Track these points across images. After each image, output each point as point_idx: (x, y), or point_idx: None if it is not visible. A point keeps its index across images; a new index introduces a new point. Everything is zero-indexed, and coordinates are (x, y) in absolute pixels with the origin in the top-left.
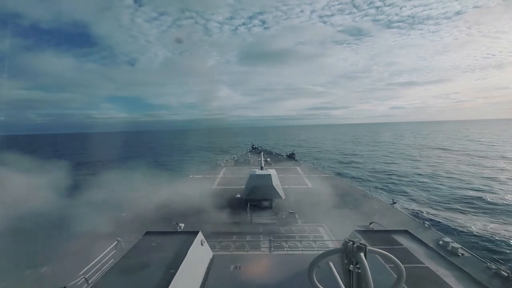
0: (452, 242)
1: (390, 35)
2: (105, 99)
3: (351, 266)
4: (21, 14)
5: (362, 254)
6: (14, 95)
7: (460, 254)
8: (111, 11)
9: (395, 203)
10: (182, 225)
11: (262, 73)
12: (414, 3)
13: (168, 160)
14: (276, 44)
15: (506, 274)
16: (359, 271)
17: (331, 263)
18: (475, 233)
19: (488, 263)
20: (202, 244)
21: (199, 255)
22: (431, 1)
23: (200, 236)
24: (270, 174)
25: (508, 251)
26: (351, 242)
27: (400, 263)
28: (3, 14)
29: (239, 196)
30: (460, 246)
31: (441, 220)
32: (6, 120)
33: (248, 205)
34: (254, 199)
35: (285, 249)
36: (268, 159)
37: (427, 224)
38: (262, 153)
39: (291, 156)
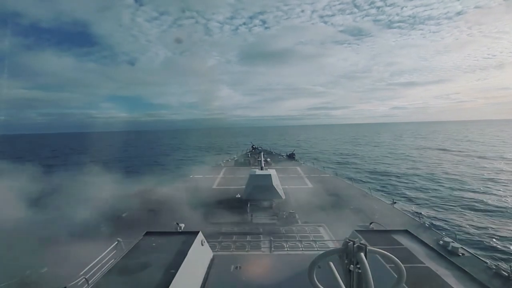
0: (452, 242)
1: (391, 35)
2: (105, 99)
3: (352, 266)
4: (22, 13)
5: (362, 254)
6: (14, 95)
7: (460, 254)
8: (112, 11)
9: (395, 203)
10: (183, 225)
11: (262, 73)
12: (415, 3)
13: (167, 160)
14: (276, 44)
15: (506, 274)
16: (360, 271)
17: (331, 263)
18: (475, 233)
19: (488, 263)
20: (202, 244)
21: (199, 255)
22: (432, 1)
23: (200, 236)
24: (270, 174)
25: (508, 251)
26: (351, 242)
27: (400, 263)
28: (3, 13)
29: (239, 196)
30: (460, 246)
31: (441, 220)
32: (7, 119)
33: (248, 205)
34: (254, 199)
35: (286, 249)
36: (268, 159)
37: (427, 224)
38: (262, 153)
39: (291, 156)
